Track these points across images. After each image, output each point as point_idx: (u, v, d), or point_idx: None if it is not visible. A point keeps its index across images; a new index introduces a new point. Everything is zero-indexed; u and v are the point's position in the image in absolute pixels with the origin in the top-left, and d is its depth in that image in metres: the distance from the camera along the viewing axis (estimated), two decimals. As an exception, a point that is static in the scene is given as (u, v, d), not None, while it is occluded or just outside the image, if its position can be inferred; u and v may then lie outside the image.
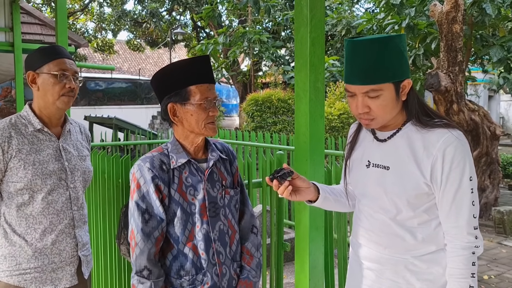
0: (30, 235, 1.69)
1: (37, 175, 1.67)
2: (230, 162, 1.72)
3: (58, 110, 1.77)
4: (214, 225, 1.59)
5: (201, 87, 1.55)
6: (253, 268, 1.70)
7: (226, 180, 1.67)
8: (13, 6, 6.42)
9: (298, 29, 2.01)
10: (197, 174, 1.60)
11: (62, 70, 1.74)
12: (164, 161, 1.56)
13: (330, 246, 2.60)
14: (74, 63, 1.81)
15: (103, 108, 17.38)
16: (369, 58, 1.32)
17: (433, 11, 5.82)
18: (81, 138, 1.93)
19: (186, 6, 17.30)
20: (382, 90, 1.34)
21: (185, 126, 1.57)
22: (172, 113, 1.57)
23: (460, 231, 1.34)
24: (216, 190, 1.62)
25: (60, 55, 1.76)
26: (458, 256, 1.34)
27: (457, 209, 1.34)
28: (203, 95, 1.54)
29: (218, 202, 1.62)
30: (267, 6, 11.89)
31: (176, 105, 1.56)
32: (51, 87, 1.72)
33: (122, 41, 25.45)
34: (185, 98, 1.54)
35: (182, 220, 1.55)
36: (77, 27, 20.24)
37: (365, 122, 1.41)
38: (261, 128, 10.85)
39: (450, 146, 1.33)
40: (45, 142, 1.74)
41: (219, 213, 1.62)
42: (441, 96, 5.77)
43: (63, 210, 1.75)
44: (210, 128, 1.57)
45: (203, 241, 1.56)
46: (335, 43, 13.25)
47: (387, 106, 1.36)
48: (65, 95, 1.74)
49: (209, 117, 1.56)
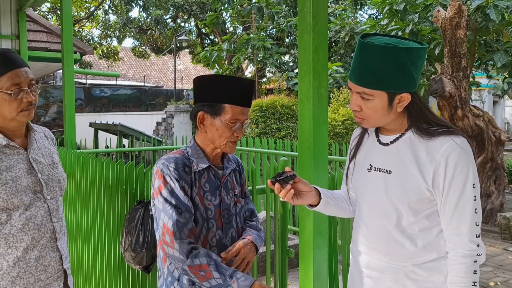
0: (12, 254, 1.58)
1: (12, 194, 1.56)
2: (239, 173, 1.77)
3: (19, 123, 1.65)
4: (227, 231, 1.63)
5: (235, 108, 1.57)
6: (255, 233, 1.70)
7: (237, 189, 1.72)
8: (19, 14, 6.49)
9: (301, 35, 2.02)
10: (215, 180, 1.63)
11: (16, 85, 1.57)
12: (187, 164, 1.59)
13: (334, 252, 2.59)
14: (27, 69, 1.63)
15: (108, 114, 17.45)
16: (370, 61, 1.32)
17: (436, 17, 5.82)
18: (48, 143, 1.82)
19: (190, 13, 17.41)
20: (373, 96, 1.35)
21: (208, 136, 1.62)
22: (200, 120, 1.61)
23: (462, 238, 1.33)
24: (230, 198, 1.66)
25: (10, 66, 1.57)
26: (459, 264, 1.33)
27: (459, 216, 1.33)
28: (234, 116, 1.58)
29: (231, 209, 1.66)
30: (271, 13, 11.95)
31: (207, 115, 1.59)
32: (7, 105, 1.57)
33: (127, 48, 25.61)
34: (217, 113, 1.58)
35: (199, 224, 1.57)
36: (82, 34, 20.39)
37: (358, 120, 1.43)
38: (265, 134, 10.85)
39: (453, 152, 1.32)
40: (14, 157, 1.62)
41: (231, 220, 1.65)
42: (446, 101, 5.76)
43: (43, 223, 1.64)
44: (230, 147, 1.62)
45: (216, 247, 1.58)
46: (339, 49, 13.26)
47: (377, 112, 1.37)
48: (24, 110, 1.60)
49: (233, 136, 1.60)
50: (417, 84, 1.39)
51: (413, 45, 1.34)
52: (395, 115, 1.39)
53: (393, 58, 1.31)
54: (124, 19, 19.12)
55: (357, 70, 1.36)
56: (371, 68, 1.32)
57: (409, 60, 1.32)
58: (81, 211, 3.13)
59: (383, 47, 1.31)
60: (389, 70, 1.31)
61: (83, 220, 3.08)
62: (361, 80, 1.35)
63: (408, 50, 1.31)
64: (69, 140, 4.80)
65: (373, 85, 1.33)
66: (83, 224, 3.08)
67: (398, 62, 1.31)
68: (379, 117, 1.38)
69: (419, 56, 1.34)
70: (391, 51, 1.31)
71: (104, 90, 19.46)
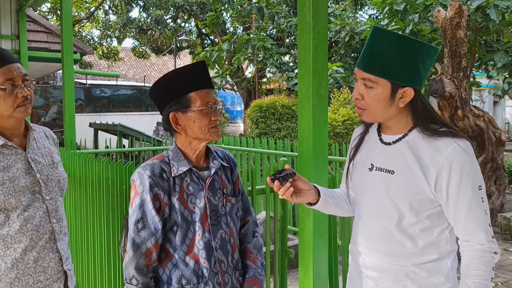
0: (10, 256, 1.56)
1: (10, 194, 1.55)
2: (231, 170, 1.71)
3: (17, 120, 1.64)
4: (216, 233, 1.59)
5: (200, 93, 1.55)
6: (258, 266, 1.69)
7: (227, 188, 1.66)
8: (19, 14, 6.50)
9: (301, 36, 2.02)
10: (199, 182, 1.59)
11: (9, 80, 1.56)
12: (165, 169, 1.56)
13: (334, 253, 2.58)
14: (20, 65, 1.62)
15: (108, 115, 17.45)
16: (380, 48, 1.33)
17: (436, 17, 5.82)
18: (48, 143, 1.80)
19: (190, 13, 17.41)
20: (377, 84, 1.35)
21: (189, 133, 1.58)
22: (174, 122, 1.57)
23: (480, 238, 1.33)
24: (218, 198, 1.61)
25: (2, 62, 1.57)
26: (478, 258, 1.32)
27: (473, 220, 1.33)
28: (204, 100, 1.55)
29: (220, 210, 1.61)
30: (271, 13, 11.93)
31: (178, 113, 1.56)
32: (2, 101, 1.57)
33: (127, 48, 25.60)
34: (186, 106, 1.55)
35: (183, 229, 1.55)
36: (82, 34, 20.39)
37: (358, 111, 1.42)
38: (265, 135, 10.84)
39: (458, 157, 1.31)
40: (12, 157, 1.61)
41: (220, 221, 1.61)
42: (446, 102, 5.75)
43: (42, 224, 1.63)
44: (214, 132, 1.58)
45: (204, 250, 1.55)
46: (339, 49, 13.25)
47: (378, 102, 1.36)
48: (20, 106, 1.59)
49: (212, 121, 1.56)
50: (422, 83, 1.38)
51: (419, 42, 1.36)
52: (396, 110, 1.38)
53: (403, 48, 1.32)
54: (124, 19, 19.12)
55: (365, 56, 1.37)
56: (379, 55, 1.33)
57: (418, 55, 1.33)
58: (80, 212, 3.13)
59: (396, 35, 1.34)
60: (397, 60, 1.32)
61: (83, 220, 3.08)
62: (367, 66, 1.35)
63: (419, 44, 1.34)
64: (69, 140, 4.80)
65: (379, 72, 1.34)
66: (83, 224, 3.08)
67: (407, 53, 1.32)
68: (380, 109, 1.37)
69: (429, 54, 1.36)
70: (403, 40, 1.33)
71: (104, 90, 19.44)
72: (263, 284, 1.69)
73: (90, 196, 2.92)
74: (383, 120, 1.43)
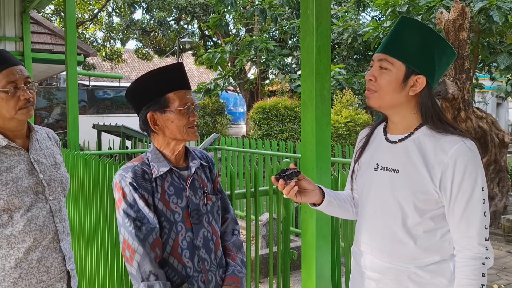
0: (13, 256, 1.57)
1: (13, 195, 1.56)
2: (209, 169, 1.73)
3: (20, 122, 1.65)
4: (198, 232, 1.60)
5: (179, 93, 1.57)
6: (238, 264, 1.70)
7: (207, 186, 1.68)
8: (23, 16, 6.53)
9: (304, 37, 2.03)
10: (180, 182, 1.60)
11: (12, 82, 1.57)
12: (146, 171, 1.56)
13: (337, 254, 2.58)
14: (23, 67, 1.63)
15: (111, 116, 17.49)
16: (402, 33, 1.39)
17: (439, 19, 5.82)
18: (51, 144, 1.81)
19: (193, 15, 17.45)
20: (392, 65, 1.38)
21: (167, 134, 1.59)
22: (152, 122, 1.58)
23: (471, 241, 1.33)
24: (198, 197, 1.63)
25: (4, 65, 1.57)
26: (467, 266, 1.32)
27: (469, 219, 1.32)
28: (182, 101, 1.57)
29: (201, 209, 1.62)
30: (273, 15, 11.95)
31: (156, 113, 1.57)
32: (4, 104, 1.57)
33: (131, 50, 25.68)
34: (164, 106, 1.56)
35: (166, 230, 1.55)
36: (86, 36, 20.48)
37: (367, 93, 1.44)
38: (268, 136, 10.85)
39: (463, 155, 1.31)
40: (14, 158, 1.61)
41: (202, 220, 1.62)
42: (448, 103, 5.75)
43: (45, 224, 1.63)
44: (192, 132, 1.59)
45: (187, 249, 1.56)
46: (341, 51, 13.25)
47: (390, 83, 1.38)
48: (22, 108, 1.60)
49: (189, 122, 1.58)
50: (434, 77, 1.39)
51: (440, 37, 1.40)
52: (405, 98, 1.39)
53: (424, 37, 1.37)
54: (127, 21, 19.19)
55: (386, 40, 1.42)
56: (401, 40, 1.38)
57: (436, 49, 1.37)
58: (84, 212, 3.14)
59: (421, 23, 1.39)
60: (416, 46, 1.36)
61: (86, 221, 3.09)
62: (386, 49, 1.40)
63: (439, 39, 1.38)
64: (73, 141, 4.82)
65: (396, 54, 1.38)
66: (86, 225, 3.09)
67: (427, 44, 1.37)
68: (389, 91, 1.38)
69: (447, 53, 1.40)
70: (426, 29, 1.38)
71: (107, 92, 19.50)
72: (242, 281, 1.69)
73: (93, 196, 2.93)
74: (389, 107, 1.42)
